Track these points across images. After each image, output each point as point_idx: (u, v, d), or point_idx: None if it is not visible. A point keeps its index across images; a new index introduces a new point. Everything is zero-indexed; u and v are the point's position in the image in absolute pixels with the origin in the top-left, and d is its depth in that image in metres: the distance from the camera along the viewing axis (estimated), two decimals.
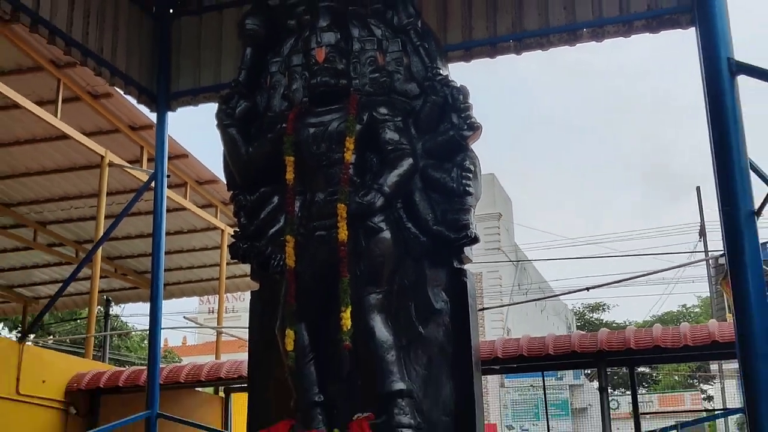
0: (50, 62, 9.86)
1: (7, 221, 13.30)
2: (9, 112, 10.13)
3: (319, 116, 6.37)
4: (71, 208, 12.88)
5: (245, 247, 6.62)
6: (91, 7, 7.99)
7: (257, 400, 6.49)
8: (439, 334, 6.20)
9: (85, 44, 7.92)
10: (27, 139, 10.92)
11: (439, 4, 8.11)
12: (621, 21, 7.77)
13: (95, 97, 10.63)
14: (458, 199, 6.24)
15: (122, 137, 11.26)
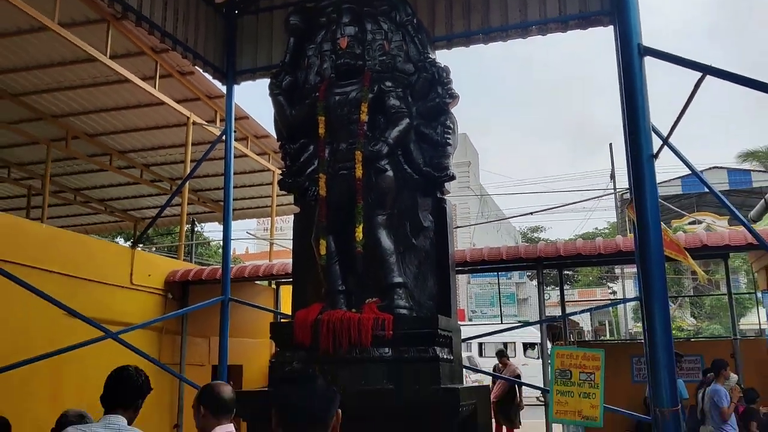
0: (150, 48, 9.86)
1: (121, 163, 13.31)
2: (122, 86, 10.14)
3: (342, 87, 6.35)
4: (166, 154, 12.92)
5: (290, 182, 6.64)
6: (179, 7, 7.95)
7: (298, 290, 6.61)
8: (426, 244, 6.27)
9: (174, 35, 7.88)
10: (135, 105, 10.94)
11: (428, 7, 8.10)
12: (560, 20, 7.67)
13: (182, 74, 10.61)
14: (441, 149, 6.27)
15: (201, 104, 11.24)
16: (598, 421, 6.52)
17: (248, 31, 8.82)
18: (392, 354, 5.62)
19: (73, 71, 9.82)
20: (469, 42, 7.97)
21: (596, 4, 7.48)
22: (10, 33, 8.79)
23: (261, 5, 8.81)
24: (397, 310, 5.78)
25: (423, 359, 5.57)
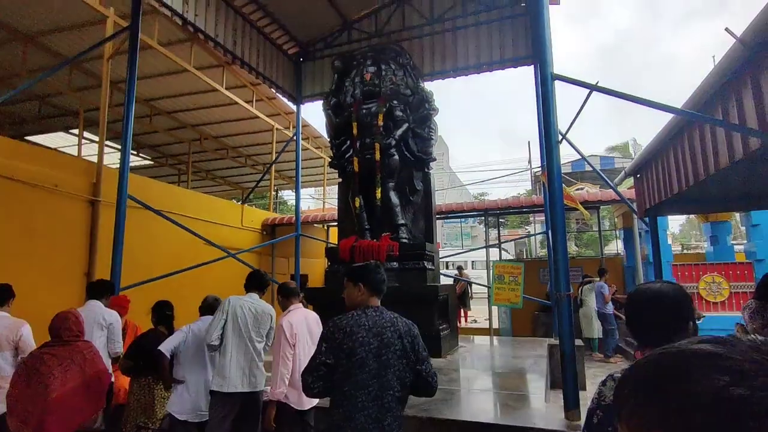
0: (249, 83, 9.77)
1: (233, 154, 13.23)
2: (233, 106, 9.88)
3: (367, 105, 6.22)
4: (260, 148, 12.79)
5: (336, 163, 6.59)
6: (267, 57, 7.82)
7: (341, 228, 6.62)
8: (418, 200, 6.24)
9: (264, 73, 7.74)
10: (241, 118, 10.78)
11: (419, 54, 7.84)
12: (500, 62, 7.43)
13: (269, 99, 10.42)
14: (427, 141, 6.21)
15: (281, 117, 11.06)
16: (519, 305, 6.59)
17: (309, 71, 8.64)
18: (398, 265, 5.67)
19: (203, 97, 9.68)
20: (444, 76, 7.75)
21: (523, 51, 7.24)
22: (164, 74, 8.67)
23: (316, 56, 8.61)
24: (401, 240, 5.81)
25: (416, 268, 5.61)
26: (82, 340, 2.78)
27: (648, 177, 4.75)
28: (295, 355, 3.02)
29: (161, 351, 3.16)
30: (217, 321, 3.17)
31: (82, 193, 5.66)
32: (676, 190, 3.74)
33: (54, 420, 2.42)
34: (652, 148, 4.39)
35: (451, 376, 4.36)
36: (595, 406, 1.23)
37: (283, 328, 3.01)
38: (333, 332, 1.95)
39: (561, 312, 2.98)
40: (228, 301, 3.29)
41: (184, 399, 3.16)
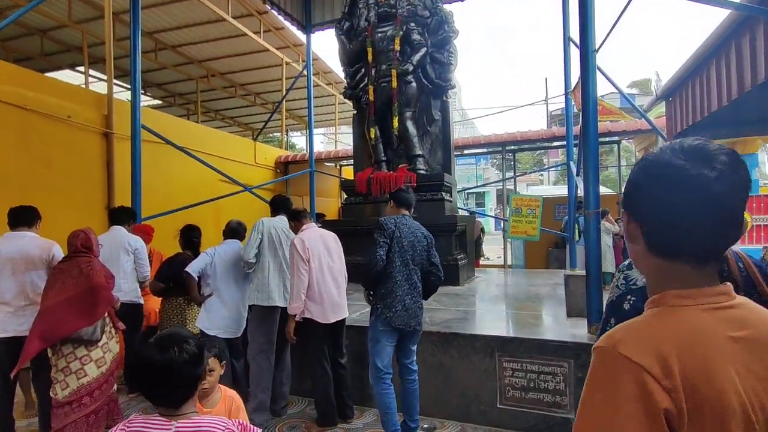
0: (256, 11, 9.26)
1: (242, 92, 12.91)
2: (240, 38, 9.46)
3: (382, 28, 5.88)
4: (270, 85, 12.37)
5: (350, 92, 6.35)
6: None
7: (357, 160, 6.49)
8: (437, 130, 6.05)
9: (276, 2, 7.23)
10: (249, 51, 10.26)
11: None
12: None
13: (277, 29, 9.87)
14: (447, 67, 5.89)
15: (290, 50, 10.58)
16: (536, 237, 6.59)
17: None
18: (416, 197, 5.59)
19: (209, 29, 9.22)
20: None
21: None
22: (167, 2, 8.25)
23: None
24: (419, 171, 5.72)
25: (435, 199, 5.56)
26: (84, 255, 2.80)
27: (682, 99, 4.49)
28: (311, 270, 3.06)
29: (188, 272, 3.25)
30: (254, 240, 3.27)
31: (95, 125, 5.59)
32: (716, 107, 3.53)
33: (38, 327, 2.56)
34: (689, 66, 4.10)
35: (470, 300, 4.44)
36: (625, 291, 1.21)
37: (295, 244, 3.09)
38: (387, 224, 2.73)
39: (588, 230, 2.93)
40: (261, 222, 3.39)
41: (213, 315, 3.28)
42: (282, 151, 10.61)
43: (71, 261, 2.77)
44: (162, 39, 9.67)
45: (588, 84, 2.91)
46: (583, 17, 2.95)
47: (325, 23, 8.11)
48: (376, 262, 2.62)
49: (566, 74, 6.61)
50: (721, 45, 3.40)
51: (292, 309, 3.01)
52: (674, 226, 0.63)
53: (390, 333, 2.67)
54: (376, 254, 2.63)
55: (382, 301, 2.65)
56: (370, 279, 2.67)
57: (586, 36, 2.94)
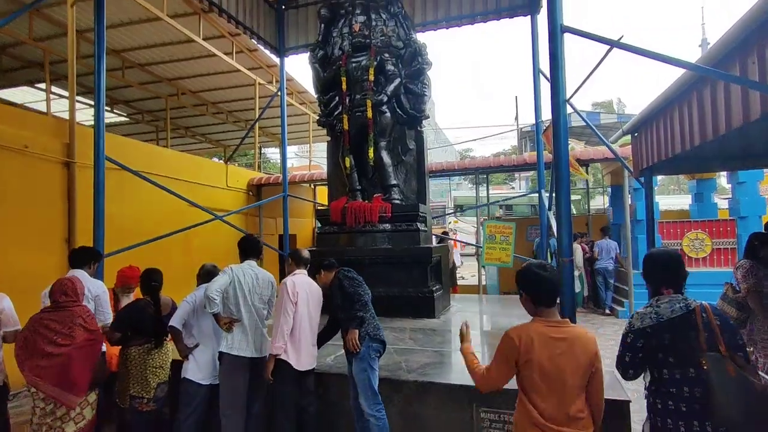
0: (228, 33, 9.04)
1: (213, 110, 12.66)
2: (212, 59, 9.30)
3: (357, 58, 5.88)
4: (242, 104, 12.21)
5: (324, 121, 6.29)
6: (246, 4, 7.24)
7: (331, 189, 6.40)
8: (411, 160, 6.05)
9: (244, 23, 7.22)
10: (221, 71, 10.16)
11: (409, 2, 7.32)
12: (495, 12, 7.04)
13: (250, 50, 9.75)
14: (420, 98, 5.93)
15: (263, 71, 10.44)
16: (510, 264, 6.66)
17: (292, 20, 8.09)
18: (391, 227, 5.57)
19: (179, 49, 9.02)
20: (437, 27, 7.33)
21: (519, 1, 6.87)
22: (135, 22, 8.01)
23: (300, 2, 8.03)
24: (394, 201, 5.69)
25: (409, 230, 5.53)
26: (78, 305, 2.87)
27: (647, 136, 4.64)
28: (296, 314, 3.10)
29: (173, 326, 3.22)
30: (221, 280, 3.15)
31: (55, 155, 5.31)
32: (679, 150, 3.65)
33: (77, 363, 2.70)
34: (653, 108, 4.24)
35: (446, 337, 4.40)
36: (627, 331, 2.03)
37: (286, 285, 3.14)
38: (353, 276, 3.27)
39: (563, 277, 2.94)
40: (230, 268, 3.29)
41: (202, 364, 3.23)
42: (254, 173, 10.40)
43: (67, 311, 2.78)
44: (130, 57, 9.40)
45: (559, 137, 2.95)
46: (552, 69, 3.00)
47: (299, 47, 8.07)
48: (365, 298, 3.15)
49: (536, 102, 6.79)
50: (684, 92, 3.53)
51: (274, 348, 3.00)
52: (537, 294, 1.91)
53: (379, 356, 3.04)
54: (361, 294, 3.14)
55: (369, 323, 3.04)
56: (363, 315, 3.06)
57: (557, 87, 2.99)
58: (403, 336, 4.39)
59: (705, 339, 1.83)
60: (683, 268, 2.05)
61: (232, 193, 9.21)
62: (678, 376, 1.88)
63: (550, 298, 1.90)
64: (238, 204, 9.19)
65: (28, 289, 3.51)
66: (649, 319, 1.94)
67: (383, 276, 5.40)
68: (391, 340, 4.23)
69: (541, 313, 1.88)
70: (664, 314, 1.91)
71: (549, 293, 1.90)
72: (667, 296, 1.99)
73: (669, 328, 1.90)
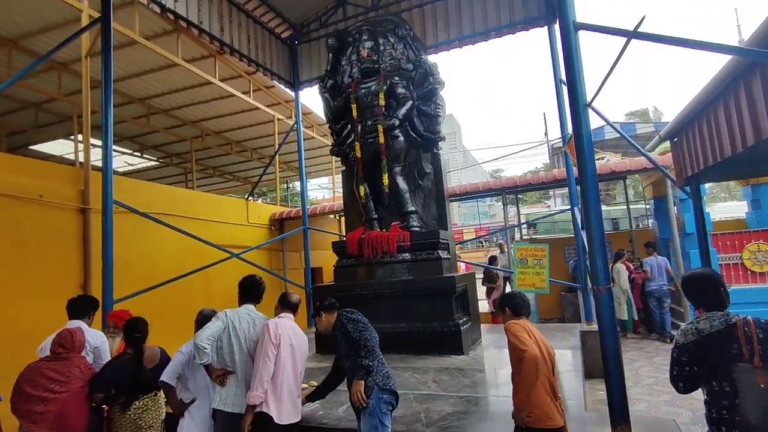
0: (245, 72, 9.23)
1: (238, 149, 12.89)
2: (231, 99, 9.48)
3: (366, 83, 5.72)
4: (264, 140, 12.36)
5: (337, 150, 6.12)
6: (258, 42, 7.39)
7: (348, 219, 6.14)
8: (429, 184, 5.72)
9: (257, 60, 7.25)
10: (240, 110, 10.34)
11: (420, 24, 7.25)
12: (511, 26, 6.76)
13: (267, 88, 9.94)
14: (434, 119, 5.65)
15: (282, 107, 10.60)
16: (545, 290, 6.11)
17: (305, 54, 8.14)
18: (410, 257, 5.23)
19: (199, 91, 9.24)
20: (449, 47, 7.13)
21: (535, 11, 6.58)
22: (155, 69, 8.27)
23: (312, 37, 8.08)
24: (412, 228, 5.36)
25: (430, 259, 5.15)
26: (77, 356, 2.90)
27: (689, 140, 4.14)
28: (278, 359, 2.76)
29: (165, 381, 2.94)
30: (214, 326, 2.87)
31: (70, 202, 5.34)
32: (729, 153, 3.15)
33: (74, 410, 2.71)
34: (694, 107, 3.77)
35: (475, 378, 3.93)
36: (673, 347, 2.10)
37: (268, 326, 2.82)
38: (360, 318, 2.91)
39: (600, 310, 2.48)
40: (225, 313, 3.01)
41: (198, 422, 2.94)
42: (276, 207, 10.35)
43: (64, 361, 2.81)
44: (154, 104, 9.70)
45: (583, 146, 2.57)
46: (569, 73, 2.65)
47: (313, 79, 8.06)
48: (372, 343, 2.80)
49: (560, 114, 6.37)
50: (729, 85, 3.07)
51: (252, 397, 2.65)
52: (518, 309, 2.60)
53: (391, 409, 2.70)
54: (368, 339, 2.79)
55: (377, 372, 2.69)
56: (370, 363, 2.73)
57: (575, 92, 2.62)
58: (425, 378, 3.95)
59: (748, 351, 1.90)
60: (719, 289, 2.12)
61: (255, 229, 9.14)
62: (725, 388, 1.94)
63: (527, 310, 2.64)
64: (260, 240, 9.09)
65: (45, 336, 3.36)
66: (691, 335, 2.05)
67: (405, 310, 5.02)
68: (411, 383, 3.81)
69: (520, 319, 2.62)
70: (704, 329, 2.02)
71: (526, 306, 2.64)
72: (706, 314, 2.09)
73: (710, 342, 1.99)
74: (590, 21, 2.83)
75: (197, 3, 6.13)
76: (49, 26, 6.89)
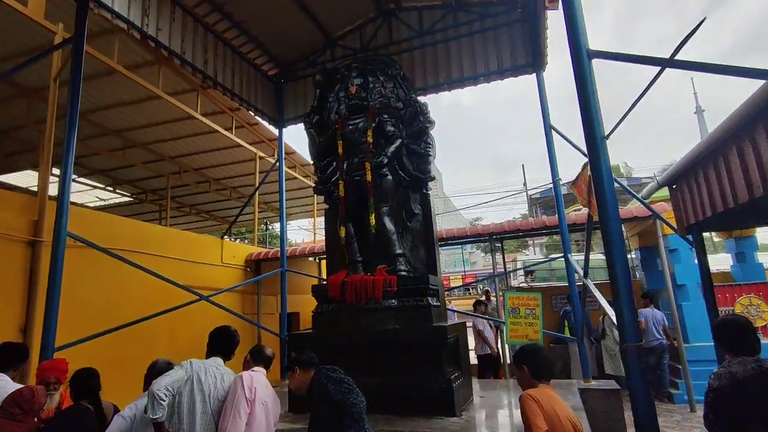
0: (228, 108, 8.98)
1: (216, 187, 12.44)
2: (212, 135, 9.21)
3: (354, 120, 5.48)
4: (245, 179, 11.98)
5: (320, 188, 5.77)
6: (243, 78, 7.22)
7: (330, 261, 5.70)
8: (417, 226, 5.39)
9: (239, 94, 7.00)
10: (222, 147, 10.02)
11: (409, 67, 7.25)
12: (499, 72, 6.79)
13: (250, 125, 9.71)
14: (424, 158, 5.40)
15: (265, 145, 10.37)
16: (539, 341, 5.71)
17: (290, 92, 8.00)
18: (397, 303, 4.78)
19: (179, 126, 8.91)
20: (438, 90, 7.10)
21: (523, 59, 6.63)
22: (134, 101, 7.95)
23: (298, 75, 7.97)
24: (400, 273, 4.96)
25: (419, 306, 4.71)
26: (32, 421, 2.45)
27: (693, 186, 3.95)
28: (252, 419, 2.34)
29: None
30: (175, 374, 2.38)
31: (18, 233, 4.76)
32: (745, 199, 2.93)
33: None
34: (702, 150, 3.60)
35: None
36: (707, 390, 2.15)
37: (241, 379, 2.42)
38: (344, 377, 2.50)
39: (631, 374, 2.09)
40: (190, 362, 2.51)
41: None
42: (253, 248, 9.81)
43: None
44: (129, 137, 9.30)
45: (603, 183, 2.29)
46: (584, 102, 2.42)
47: (298, 117, 7.87)
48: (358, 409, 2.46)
49: (551, 161, 6.25)
50: (747, 125, 2.90)
51: None
52: (539, 371, 2.29)
53: None
54: (354, 404, 2.40)
55: None
56: None
57: (592, 122, 2.38)
58: None
59: None
60: (751, 335, 2.17)
61: (229, 270, 8.54)
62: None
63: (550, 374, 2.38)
64: (235, 282, 8.47)
65: None
66: (725, 379, 2.07)
67: (391, 363, 4.50)
68: None
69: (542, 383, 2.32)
70: (737, 373, 2.04)
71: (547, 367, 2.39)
72: (738, 358, 2.13)
73: (744, 387, 2.00)
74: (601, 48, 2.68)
75: (181, 33, 5.93)
76: (23, 51, 6.55)
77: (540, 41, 6.30)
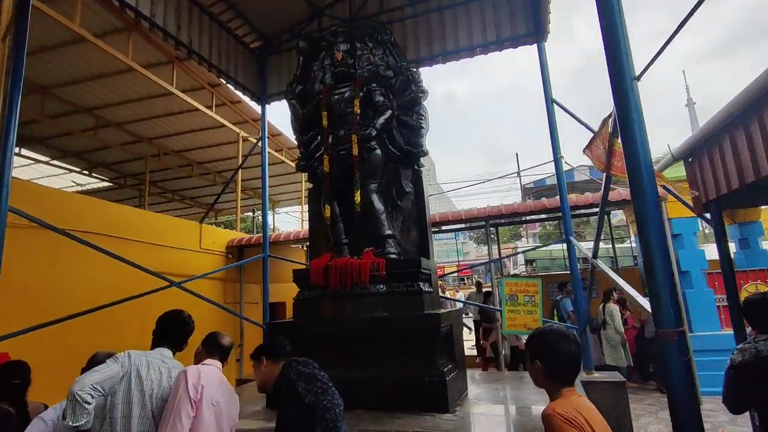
0: (208, 83, 8.43)
1: (200, 171, 11.89)
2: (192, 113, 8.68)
3: (339, 89, 4.99)
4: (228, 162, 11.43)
5: (303, 164, 5.29)
6: (224, 50, 6.71)
7: (313, 244, 5.25)
8: (408, 205, 4.95)
9: (218, 65, 6.46)
10: (204, 128, 9.54)
11: (401, 37, 6.75)
12: (497, 42, 6.31)
13: (233, 103, 9.15)
14: (416, 131, 4.94)
15: (248, 125, 9.79)
16: None
17: (274, 66, 7.46)
18: (386, 289, 4.35)
19: (156, 103, 8.36)
20: (432, 62, 6.61)
21: (524, 28, 6.17)
22: (105, 74, 7.39)
23: (282, 47, 7.43)
24: (389, 255, 4.52)
25: (410, 292, 4.28)
26: None
27: (712, 158, 3.56)
28: (198, 421, 1.90)
29: None
30: (106, 370, 1.92)
31: None
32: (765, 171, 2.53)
33: None
34: (720, 120, 3.20)
35: None
36: (728, 366, 2.14)
37: (186, 374, 1.96)
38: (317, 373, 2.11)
39: (671, 368, 1.68)
40: (127, 354, 2.04)
41: None
42: (235, 233, 9.30)
43: None
44: (102, 115, 8.70)
45: (635, 139, 1.85)
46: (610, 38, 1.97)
47: (282, 93, 7.27)
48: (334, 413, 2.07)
49: (552, 137, 5.83)
50: (763, 97, 2.50)
51: None
52: (562, 373, 1.56)
53: None
54: (328, 407, 2.00)
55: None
56: None
57: (619, 60, 1.93)
58: None
59: None
60: None
61: (209, 257, 8.05)
62: None
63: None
64: (214, 268, 7.98)
65: None
66: (749, 354, 2.06)
67: (378, 354, 4.09)
68: None
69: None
70: (763, 350, 2.03)
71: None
72: (765, 335, 2.12)
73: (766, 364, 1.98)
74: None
75: None
76: None
77: (542, 8, 5.84)
